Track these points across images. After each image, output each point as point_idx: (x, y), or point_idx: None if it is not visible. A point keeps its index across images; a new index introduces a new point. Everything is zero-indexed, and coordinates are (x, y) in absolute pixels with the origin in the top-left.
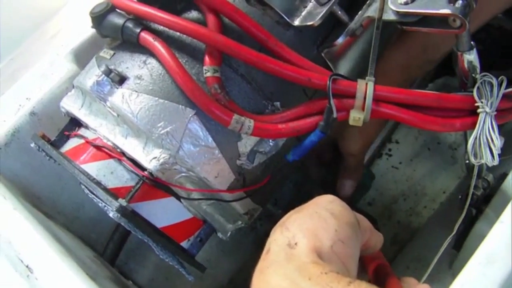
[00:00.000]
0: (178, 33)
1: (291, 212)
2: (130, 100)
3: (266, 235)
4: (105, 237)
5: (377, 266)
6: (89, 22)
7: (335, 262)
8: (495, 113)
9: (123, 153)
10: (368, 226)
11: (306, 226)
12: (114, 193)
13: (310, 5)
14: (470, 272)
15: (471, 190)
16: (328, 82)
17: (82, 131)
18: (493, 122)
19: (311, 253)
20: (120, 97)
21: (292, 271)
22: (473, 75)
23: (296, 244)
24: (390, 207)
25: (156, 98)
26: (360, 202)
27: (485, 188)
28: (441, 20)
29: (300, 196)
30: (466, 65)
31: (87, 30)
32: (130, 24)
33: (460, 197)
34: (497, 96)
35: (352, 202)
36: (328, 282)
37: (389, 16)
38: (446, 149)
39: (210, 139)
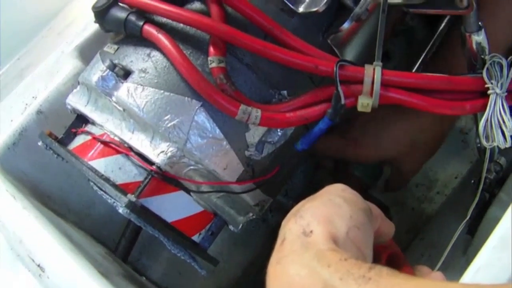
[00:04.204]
0: (181, 25)
1: (303, 201)
2: (136, 94)
3: (278, 226)
4: (116, 234)
5: (389, 255)
6: (92, 17)
7: (351, 249)
8: (505, 94)
9: (131, 148)
10: (379, 214)
11: (321, 213)
12: (123, 189)
13: None
14: (485, 256)
15: (484, 174)
16: (335, 68)
17: (89, 128)
18: (504, 103)
19: (327, 240)
20: (125, 92)
21: (310, 259)
22: (482, 56)
23: (311, 232)
24: (402, 194)
25: (162, 91)
26: (372, 189)
27: (498, 172)
28: (448, 1)
29: (311, 187)
30: (474, 46)
31: (91, 26)
32: (133, 17)
33: (472, 181)
34: (507, 76)
35: (366, 189)
36: (349, 268)
37: None
38: (457, 133)
39: (218, 130)
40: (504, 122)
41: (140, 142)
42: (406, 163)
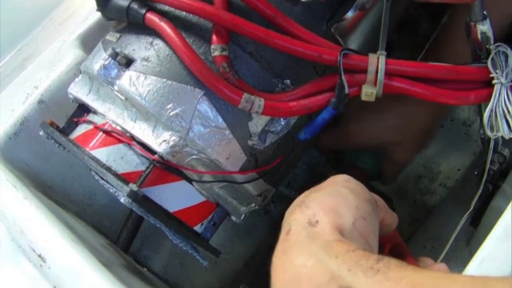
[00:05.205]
0: (184, 13)
1: (308, 191)
2: (138, 82)
3: (281, 217)
4: (118, 225)
5: (393, 246)
6: (93, 6)
7: (358, 239)
8: (510, 83)
9: (133, 137)
10: (383, 205)
11: (327, 203)
12: (124, 178)
13: None
14: (488, 247)
15: (487, 165)
16: (338, 57)
17: (90, 117)
18: (509, 93)
19: (333, 230)
20: (128, 80)
21: (317, 250)
22: (487, 46)
23: (317, 222)
24: (405, 186)
25: (164, 80)
26: (375, 181)
27: (501, 163)
28: None
29: (313, 178)
30: (479, 36)
31: (93, 14)
32: (135, 5)
33: (476, 173)
34: None
35: (368, 181)
36: (357, 259)
37: None
38: (460, 126)
39: (220, 119)
40: (509, 112)
41: (142, 131)
42: (397, 152)
